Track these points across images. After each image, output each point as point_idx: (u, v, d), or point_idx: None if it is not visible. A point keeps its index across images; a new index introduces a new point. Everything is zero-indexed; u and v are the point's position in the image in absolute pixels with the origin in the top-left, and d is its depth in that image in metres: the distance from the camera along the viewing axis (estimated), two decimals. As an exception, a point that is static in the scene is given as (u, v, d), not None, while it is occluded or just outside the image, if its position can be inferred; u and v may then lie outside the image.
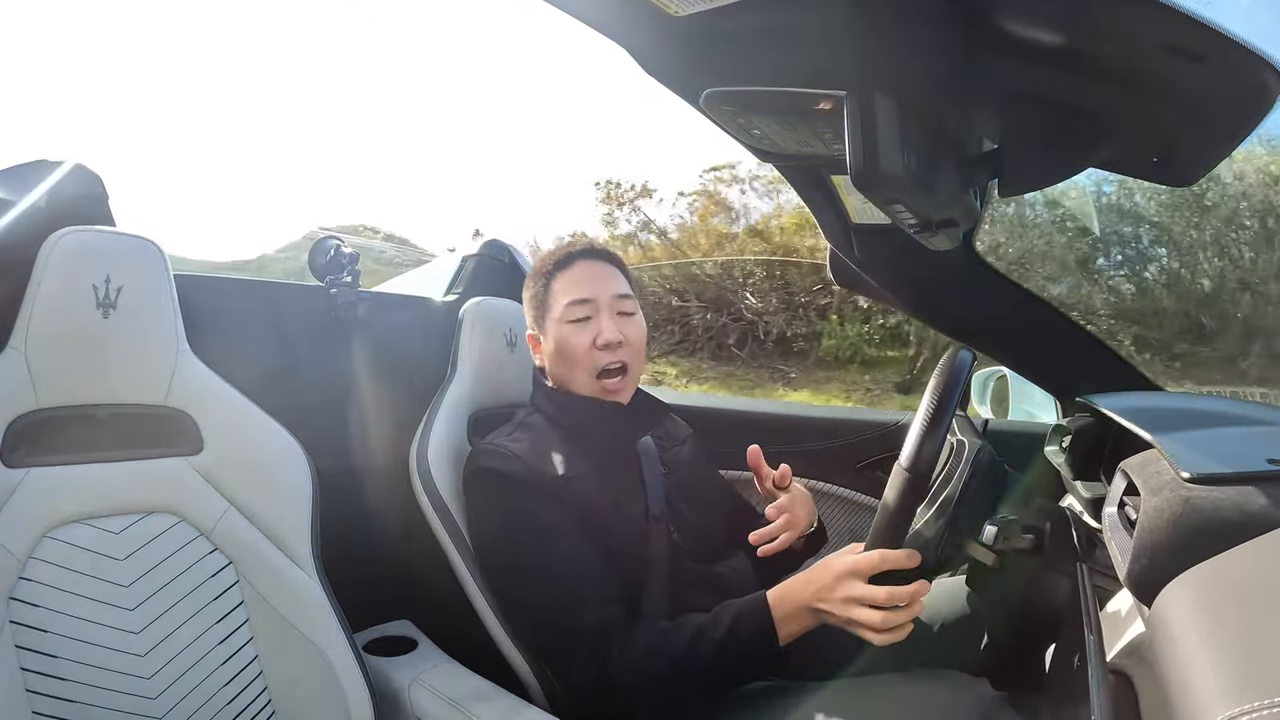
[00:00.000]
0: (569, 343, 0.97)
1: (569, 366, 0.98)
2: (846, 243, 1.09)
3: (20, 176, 0.83)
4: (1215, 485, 0.54)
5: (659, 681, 0.80)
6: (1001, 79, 0.66)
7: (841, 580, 0.75)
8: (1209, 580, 0.43)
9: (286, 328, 1.08)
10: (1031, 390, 1.43)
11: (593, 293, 0.98)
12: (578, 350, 0.96)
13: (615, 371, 0.98)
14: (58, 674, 0.71)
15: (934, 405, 0.73)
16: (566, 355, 0.97)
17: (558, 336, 0.98)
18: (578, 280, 0.99)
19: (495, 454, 0.93)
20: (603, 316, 0.97)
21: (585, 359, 0.96)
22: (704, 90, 0.73)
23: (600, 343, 0.96)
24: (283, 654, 0.83)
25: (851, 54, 0.63)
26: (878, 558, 0.73)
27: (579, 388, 0.98)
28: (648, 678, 0.80)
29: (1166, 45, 0.56)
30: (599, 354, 0.96)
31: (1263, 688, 0.30)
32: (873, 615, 0.72)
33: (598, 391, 0.98)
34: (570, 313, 0.97)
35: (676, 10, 0.58)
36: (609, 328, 0.97)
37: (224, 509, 0.84)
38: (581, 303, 0.97)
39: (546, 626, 0.87)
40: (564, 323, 0.97)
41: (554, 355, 0.99)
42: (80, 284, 0.78)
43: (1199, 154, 0.72)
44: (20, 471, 0.74)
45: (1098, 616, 0.66)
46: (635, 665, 0.81)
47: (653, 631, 0.83)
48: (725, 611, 0.81)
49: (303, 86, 24.94)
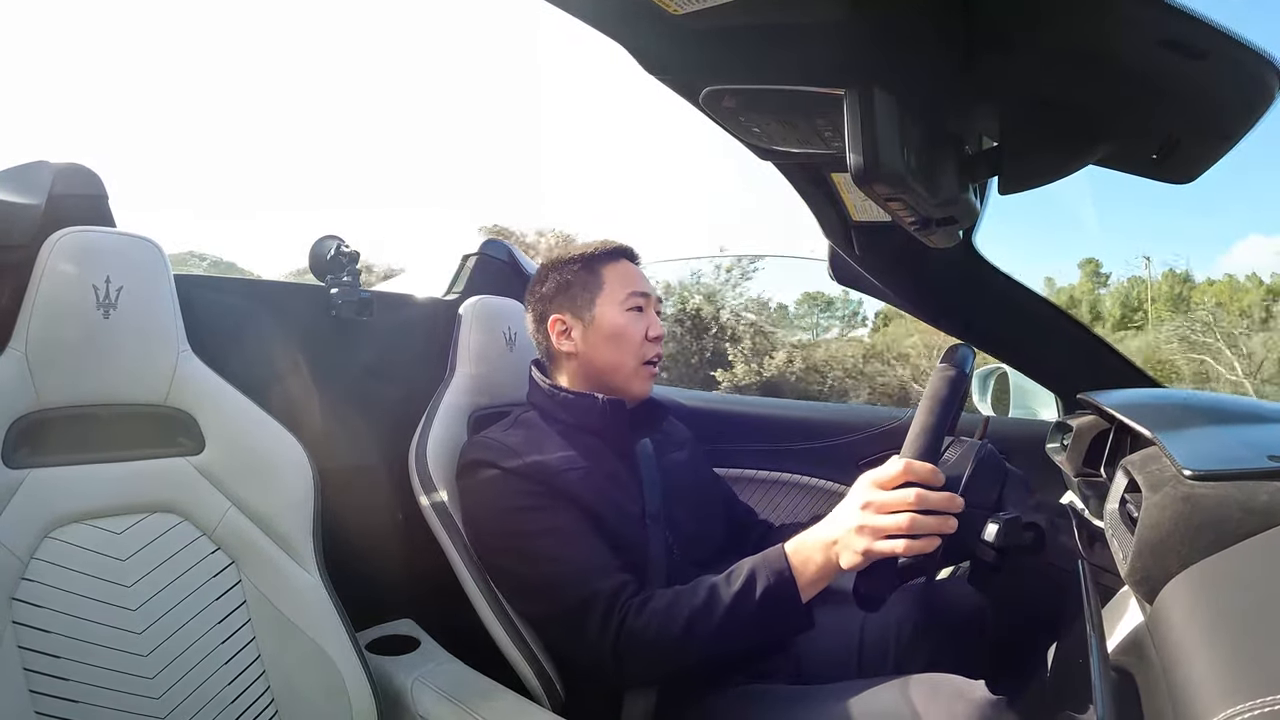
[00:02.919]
0: (630, 328, 1.01)
1: (619, 351, 1.00)
2: (846, 241, 1.09)
3: (20, 176, 0.83)
4: (1216, 482, 0.54)
5: (679, 641, 0.78)
6: (1001, 76, 0.66)
7: (862, 492, 0.74)
8: (1210, 577, 0.43)
9: (287, 327, 1.08)
10: (1032, 387, 1.43)
11: (649, 289, 1.04)
12: (634, 337, 1.01)
13: (655, 363, 1.03)
14: (61, 674, 0.71)
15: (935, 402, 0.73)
16: (622, 340, 1.00)
17: (615, 321, 1.00)
18: (634, 275, 1.04)
19: (487, 446, 0.93)
20: (650, 311, 1.03)
21: (638, 347, 1.01)
22: (703, 88, 0.72)
23: (652, 335, 1.02)
24: (285, 653, 0.83)
25: (851, 51, 0.63)
26: (902, 465, 0.72)
27: (621, 374, 1.01)
28: (667, 637, 0.79)
29: (1167, 42, 0.56)
30: (649, 345, 1.02)
31: (1264, 684, 0.30)
32: (899, 519, 0.70)
33: (640, 378, 1.02)
34: (632, 300, 1.02)
35: (676, 8, 0.58)
36: (658, 323, 1.03)
37: (226, 508, 0.84)
38: (643, 295, 1.03)
39: (553, 603, 0.86)
40: (624, 309, 1.01)
41: (603, 339, 1.01)
42: (80, 284, 0.78)
43: (1199, 151, 0.72)
44: (22, 472, 0.74)
45: (1099, 613, 0.66)
46: (654, 625, 0.79)
47: (668, 592, 0.82)
48: (742, 565, 0.80)
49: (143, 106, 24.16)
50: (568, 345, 1.02)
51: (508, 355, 1.18)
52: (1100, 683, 0.52)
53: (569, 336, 1.02)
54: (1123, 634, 0.62)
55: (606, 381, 1.01)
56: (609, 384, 1.01)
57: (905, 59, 0.62)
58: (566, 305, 1.03)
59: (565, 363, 1.03)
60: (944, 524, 0.71)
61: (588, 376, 1.02)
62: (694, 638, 0.78)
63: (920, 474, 0.72)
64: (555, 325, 1.03)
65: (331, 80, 24.10)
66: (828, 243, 1.15)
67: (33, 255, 0.77)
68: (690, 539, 0.96)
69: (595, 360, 1.01)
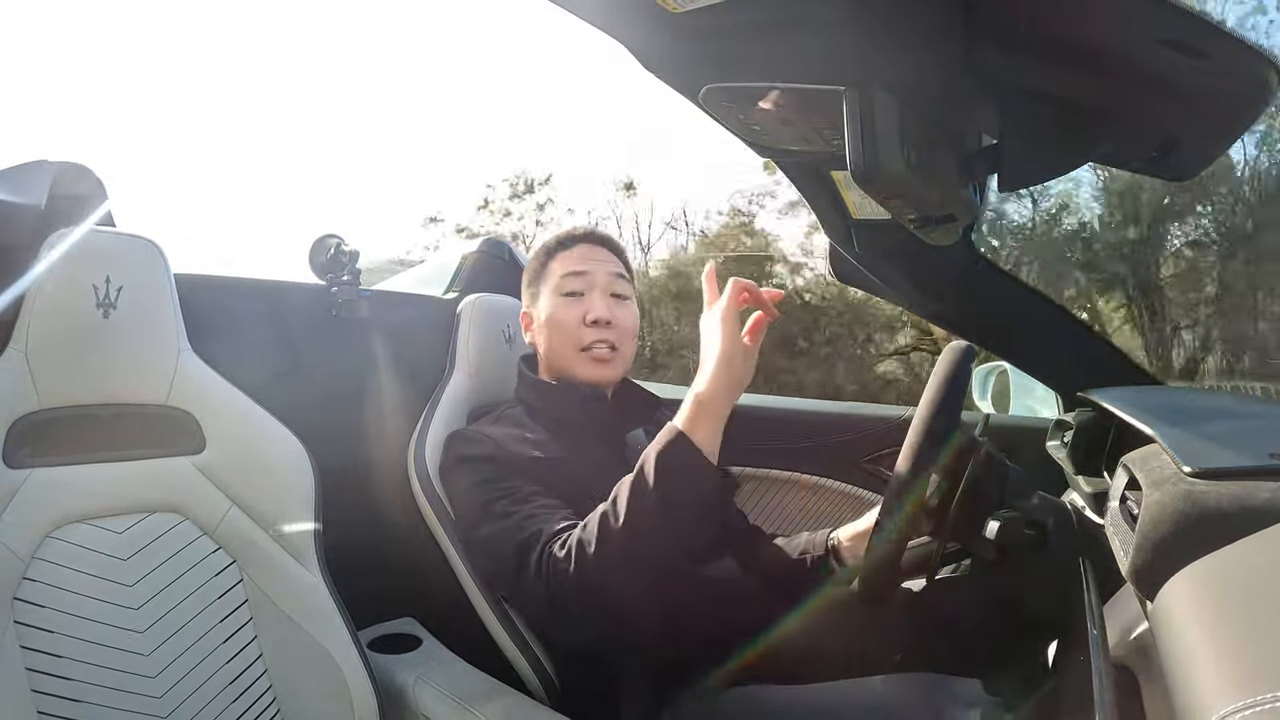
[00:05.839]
0: (559, 315, 0.97)
1: (558, 337, 0.98)
2: (847, 238, 1.09)
3: (20, 176, 0.83)
4: (1217, 480, 0.54)
5: (608, 556, 0.72)
6: (1001, 73, 0.66)
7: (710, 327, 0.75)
8: (1211, 574, 0.43)
9: (287, 326, 1.09)
10: (1032, 385, 1.43)
11: (589, 268, 0.99)
12: (567, 323, 0.97)
13: (603, 346, 0.96)
14: (63, 674, 0.71)
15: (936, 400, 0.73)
16: (555, 327, 0.98)
17: (549, 309, 0.98)
18: (576, 258, 1.00)
19: (467, 439, 0.94)
20: (595, 294, 0.98)
21: (574, 333, 0.96)
22: (703, 86, 0.72)
23: (590, 319, 0.96)
24: (287, 652, 0.83)
25: (851, 49, 0.63)
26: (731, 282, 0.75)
27: (566, 362, 0.98)
28: (594, 556, 0.73)
29: (1167, 40, 0.56)
30: (587, 330, 0.96)
31: (1265, 682, 0.30)
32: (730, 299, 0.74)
33: (584, 365, 0.96)
34: (564, 284, 0.98)
35: (676, 6, 0.58)
36: (599, 305, 0.97)
37: (227, 508, 0.84)
38: (577, 275, 0.98)
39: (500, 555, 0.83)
40: (558, 295, 0.98)
41: (543, 328, 0.99)
42: (80, 284, 0.78)
43: (1198, 148, 0.72)
44: (23, 472, 0.74)
45: (1100, 611, 0.66)
46: (579, 551, 0.74)
47: (584, 519, 0.77)
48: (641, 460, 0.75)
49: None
50: (529, 338, 1.04)
51: (507, 353, 1.18)
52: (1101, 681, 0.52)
53: (531, 329, 1.03)
54: (1124, 632, 0.63)
55: (559, 370, 0.99)
56: (561, 372, 0.99)
57: (905, 56, 0.62)
58: (530, 299, 1.03)
59: (538, 355, 1.03)
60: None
61: (549, 367, 1.01)
62: (609, 540, 0.72)
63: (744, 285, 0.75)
64: (524, 319, 1.04)
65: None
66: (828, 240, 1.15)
67: (33, 255, 0.77)
68: None
69: (544, 351, 1.01)
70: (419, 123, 25.37)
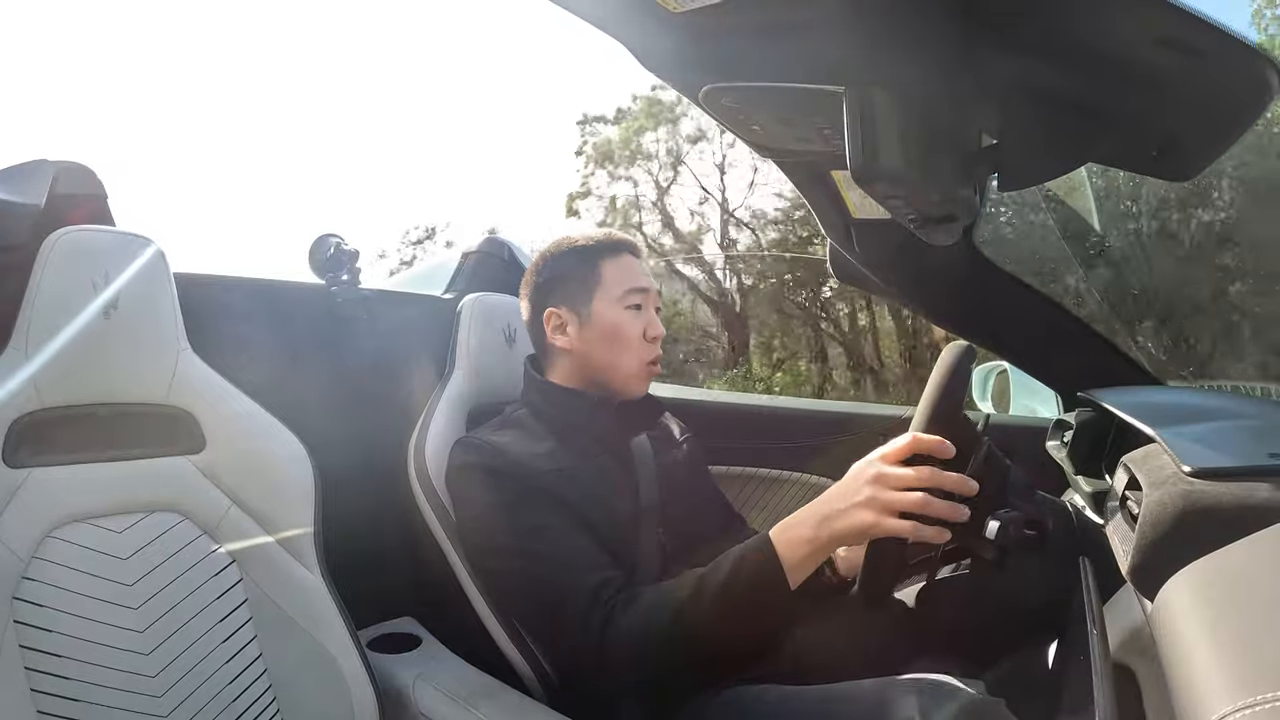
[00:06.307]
0: (627, 328, 0.98)
1: (618, 349, 0.98)
2: (847, 238, 1.09)
3: (20, 176, 0.83)
4: (1217, 479, 0.54)
5: (666, 636, 0.76)
6: (1001, 73, 0.66)
7: (868, 467, 0.71)
8: (1211, 574, 0.43)
9: (287, 325, 1.09)
10: (1033, 385, 1.43)
11: (649, 285, 1.01)
12: (633, 336, 0.98)
13: (656, 363, 1.01)
14: (62, 673, 0.71)
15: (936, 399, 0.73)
16: (620, 339, 0.98)
17: (613, 319, 0.98)
18: (634, 270, 1.01)
19: (475, 447, 0.93)
20: (650, 310, 1.01)
21: (638, 346, 0.99)
22: (703, 86, 0.73)
23: (651, 335, 0.99)
24: (287, 651, 0.83)
25: (850, 49, 0.63)
26: (910, 439, 0.68)
27: (616, 374, 0.99)
28: (655, 633, 0.76)
29: (1166, 40, 0.56)
30: (648, 346, 0.99)
31: (1265, 681, 0.30)
32: (912, 496, 0.66)
33: (639, 379, 1.00)
34: (630, 298, 0.99)
35: (676, 6, 0.58)
36: (657, 322, 1.01)
37: (226, 507, 0.84)
38: (641, 291, 1.00)
39: (537, 601, 0.85)
40: (622, 307, 0.99)
41: (598, 336, 0.98)
42: (80, 283, 0.78)
43: (1198, 149, 0.72)
44: (23, 471, 0.74)
45: (1100, 611, 0.67)
46: (641, 620, 0.77)
47: (654, 588, 0.81)
48: (728, 555, 0.78)
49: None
50: (562, 340, 1.00)
51: (507, 352, 1.18)
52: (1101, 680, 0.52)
53: (564, 331, 1.00)
54: (1124, 631, 0.63)
55: (603, 380, 0.99)
56: (605, 382, 0.99)
57: (904, 56, 0.62)
58: (563, 299, 1.00)
59: (560, 358, 1.01)
60: (956, 511, 0.67)
61: (583, 374, 1.00)
62: (681, 631, 0.76)
63: (929, 446, 0.68)
64: (551, 319, 1.01)
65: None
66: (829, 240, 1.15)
67: (33, 255, 0.77)
68: (686, 537, 0.96)
69: (592, 358, 0.99)
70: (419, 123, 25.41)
